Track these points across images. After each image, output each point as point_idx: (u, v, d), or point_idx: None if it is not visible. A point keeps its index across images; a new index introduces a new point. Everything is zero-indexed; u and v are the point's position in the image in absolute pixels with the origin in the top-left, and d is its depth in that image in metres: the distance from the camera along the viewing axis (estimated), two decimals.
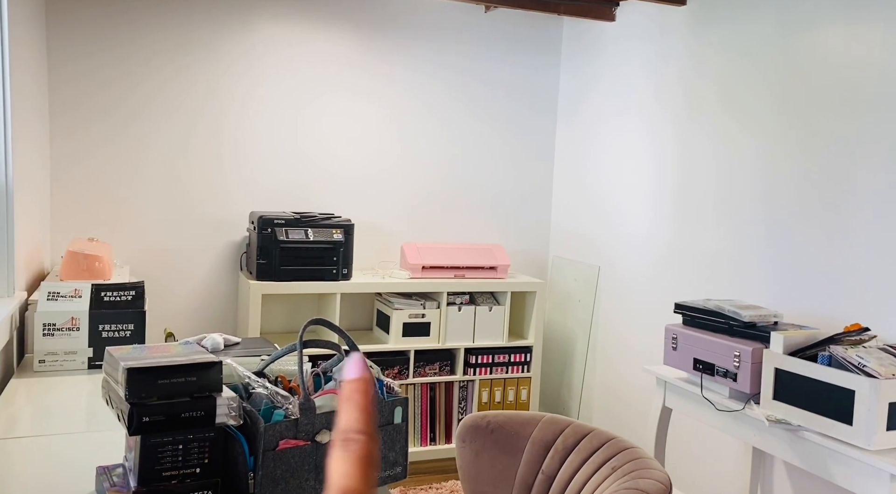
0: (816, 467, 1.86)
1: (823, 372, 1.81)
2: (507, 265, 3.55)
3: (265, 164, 3.42)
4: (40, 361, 1.98)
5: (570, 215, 3.86)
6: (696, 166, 2.99)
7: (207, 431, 1.23)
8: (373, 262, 3.68)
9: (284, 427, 1.29)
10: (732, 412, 2.11)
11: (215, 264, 3.38)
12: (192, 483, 1.21)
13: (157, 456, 1.19)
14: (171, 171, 3.27)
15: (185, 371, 1.23)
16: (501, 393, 3.55)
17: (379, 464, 1.42)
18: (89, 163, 3.14)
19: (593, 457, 1.78)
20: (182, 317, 3.34)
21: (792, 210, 2.52)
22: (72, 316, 2.01)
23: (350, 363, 0.67)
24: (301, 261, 3.15)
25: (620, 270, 3.45)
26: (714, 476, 2.84)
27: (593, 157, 3.67)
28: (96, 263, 2.37)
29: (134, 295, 2.13)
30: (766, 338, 2.07)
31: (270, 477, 1.27)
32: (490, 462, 1.92)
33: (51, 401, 1.75)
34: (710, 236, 2.89)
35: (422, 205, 3.74)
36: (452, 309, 3.43)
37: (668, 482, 1.57)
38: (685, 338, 2.27)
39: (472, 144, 3.81)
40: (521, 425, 1.95)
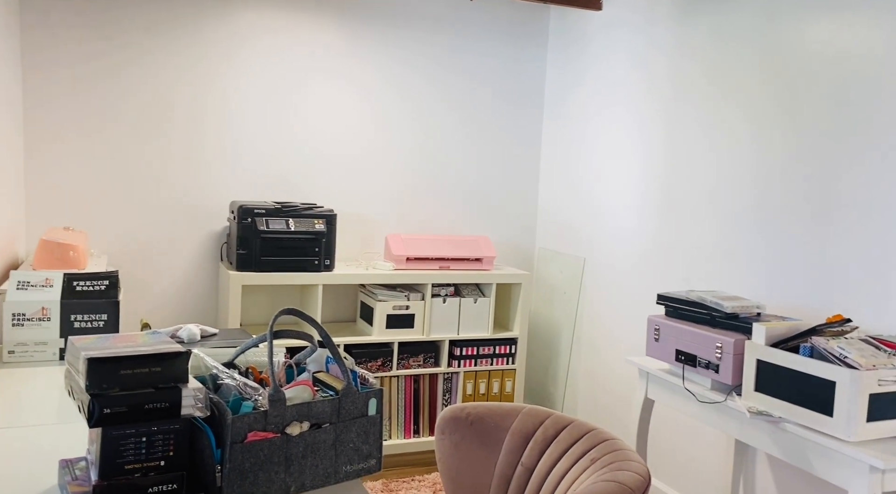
0: (797, 459, 1.85)
1: (804, 364, 1.80)
2: (492, 257, 3.52)
3: (246, 153, 3.37)
4: (10, 352, 1.94)
5: (556, 207, 3.84)
6: (683, 158, 2.96)
7: (172, 423, 1.20)
8: (356, 253, 3.64)
9: (253, 419, 1.25)
10: (714, 403, 2.09)
11: (195, 254, 3.33)
12: (156, 477, 1.17)
13: (120, 449, 1.15)
14: (151, 159, 3.21)
15: (150, 361, 1.19)
16: (486, 384, 3.53)
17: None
18: (65, 151, 3.08)
19: (573, 449, 1.76)
20: (161, 308, 3.29)
21: (777, 202, 2.50)
22: (42, 305, 1.96)
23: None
24: (282, 252, 3.11)
25: (606, 262, 3.43)
26: (696, 468, 2.83)
27: (580, 149, 3.65)
28: (70, 252, 2.33)
29: (108, 285, 2.08)
30: (749, 330, 2.05)
31: (238, 470, 1.24)
32: (469, 454, 1.90)
33: (20, 393, 1.71)
34: (696, 228, 2.87)
35: (406, 195, 3.70)
36: (437, 301, 3.40)
37: (647, 474, 1.55)
38: (667, 329, 2.26)
39: (458, 135, 3.78)
40: (502, 417, 1.93)
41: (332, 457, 1.36)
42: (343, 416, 1.38)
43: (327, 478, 1.36)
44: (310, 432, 1.32)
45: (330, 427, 1.35)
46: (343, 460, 1.38)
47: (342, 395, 1.37)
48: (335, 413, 1.36)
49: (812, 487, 2.34)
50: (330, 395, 1.39)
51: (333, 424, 1.36)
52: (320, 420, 1.34)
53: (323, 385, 1.45)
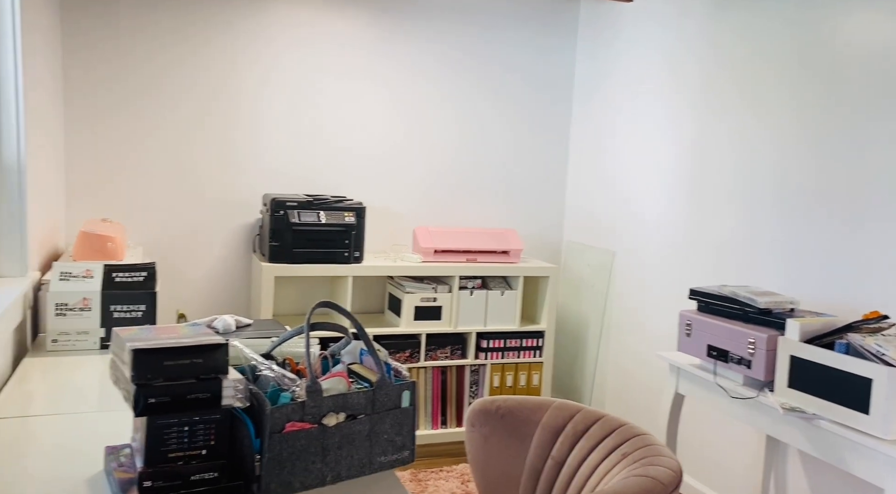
0: (832, 456, 1.83)
1: (840, 360, 1.78)
2: (519, 249, 3.53)
3: (278, 146, 3.41)
4: (53, 340, 2.00)
5: (584, 200, 3.82)
6: (712, 151, 2.93)
7: (213, 413, 1.23)
8: (385, 246, 3.67)
9: (291, 410, 1.28)
10: (746, 399, 2.08)
11: (228, 246, 3.38)
12: (198, 465, 1.21)
13: (163, 437, 1.19)
14: (185, 153, 3.27)
15: (191, 352, 1.22)
16: (513, 377, 3.54)
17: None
18: (104, 145, 3.15)
19: (603, 443, 1.76)
20: (195, 299, 3.36)
21: (809, 196, 2.46)
22: (83, 296, 2.02)
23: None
24: (313, 244, 3.15)
25: (635, 256, 3.41)
26: (726, 464, 2.82)
27: (609, 141, 3.62)
28: (108, 244, 2.38)
29: (146, 277, 2.13)
30: (782, 325, 2.03)
31: (277, 460, 1.27)
32: (499, 447, 1.91)
33: (63, 380, 1.77)
34: (726, 221, 2.84)
35: (434, 188, 3.72)
36: (464, 294, 3.41)
37: (678, 469, 1.55)
38: (699, 325, 2.24)
39: (486, 127, 3.77)
40: (531, 410, 1.94)
41: (367, 448, 1.39)
42: (378, 408, 1.40)
43: (362, 469, 1.38)
44: (346, 423, 1.35)
45: (365, 418, 1.38)
46: (377, 451, 1.40)
47: (377, 387, 1.40)
48: (370, 404, 1.39)
49: (845, 485, 2.32)
50: (365, 387, 1.41)
51: (368, 415, 1.38)
52: (356, 411, 1.37)
53: (357, 376, 1.47)
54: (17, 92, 2.00)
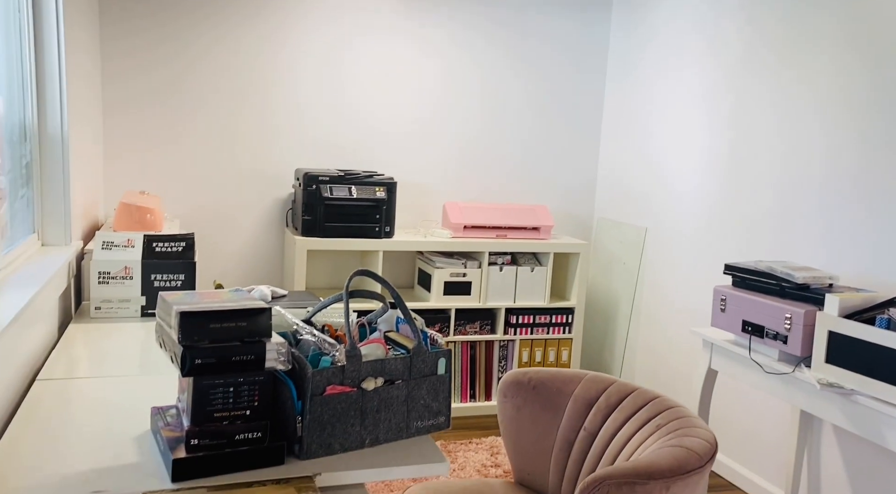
0: (870, 432, 1.81)
1: (881, 336, 1.75)
2: (550, 226, 3.51)
3: (310, 122, 3.43)
4: (96, 308, 2.05)
5: (616, 176, 3.78)
6: (750, 126, 2.87)
7: (257, 375, 1.26)
8: (415, 221, 3.68)
9: (331, 374, 1.31)
10: (781, 375, 2.06)
11: (262, 220, 3.43)
12: (243, 425, 1.24)
13: (209, 398, 1.22)
14: (220, 128, 3.31)
15: (236, 316, 1.25)
16: (542, 353, 3.55)
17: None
18: (140, 120, 3.19)
19: (637, 415, 1.76)
20: (230, 271, 3.42)
21: (848, 170, 2.41)
22: (125, 265, 2.07)
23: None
24: (345, 219, 3.17)
25: (668, 231, 3.38)
26: (758, 441, 2.80)
27: (643, 116, 3.57)
28: (148, 215, 2.43)
29: (184, 247, 2.17)
30: (820, 301, 2.01)
31: (318, 421, 1.29)
32: (531, 418, 1.93)
33: (107, 346, 1.82)
34: (764, 197, 2.79)
35: (465, 163, 3.71)
36: (494, 269, 3.42)
37: (713, 441, 1.55)
38: (734, 300, 2.22)
39: (518, 102, 3.74)
40: (564, 382, 1.95)
41: (403, 413, 1.41)
42: (414, 374, 1.42)
43: (399, 433, 1.41)
44: (383, 387, 1.37)
45: (402, 383, 1.40)
46: (414, 416, 1.43)
47: (413, 354, 1.41)
48: (407, 370, 1.41)
49: (880, 461, 2.29)
50: (402, 353, 1.43)
51: (405, 381, 1.41)
52: (393, 376, 1.39)
53: (394, 343, 1.49)
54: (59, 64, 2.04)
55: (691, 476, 1.45)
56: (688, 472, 1.44)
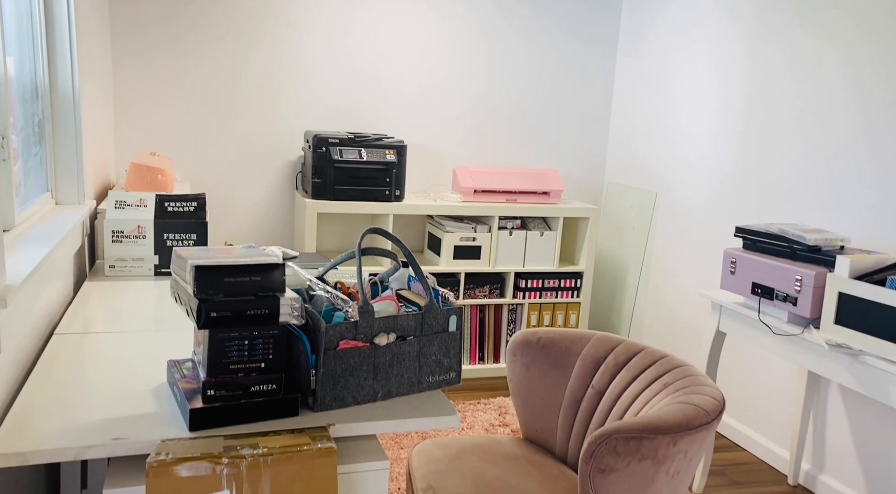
0: (876, 391, 1.83)
1: (891, 296, 1.75)
2: (560, 190, 3.50)
3: (319, 84, 3.41)
4: (110, 266, 2.08)
5: (627, 140, 3.75)
6: (764, 89, 2.83)
7: (272, 328, 1.28)
8: (424, 185, 3.68)
9: (345, 329, 1.32)
10: (790, 336, 2.07)
11: (272, 182, 3.43)
12: (258, 377, 1.26)
13: (225, 350, 1.24)
14: (229, 90, 3.29)
15: (250, 271, 1.26)
16: (550, 316, 3.57)
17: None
18: (150, 83, 3.18)
19: (645, 374, 1.78)
20: (240, 234, 3.43)
21: (863, 134, 2.38)
22: (138, 224, 2.08)
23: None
24: (355, 181, 3.17)
25: (679, 196, 3.36)
26: (764, 403, 2.83)
27: (655, 79, 3.53)
28: (159, 176, 2.44)
29: (196, 206, 2.18)
30: (831, 263, 2.00)
31: (331, 375, 1.32)
32: (540, 376, 1.95)
33: (122, 303, 1.84)
34: (776, 161, 2.77)
35: (475, 127, 3.69)
36: (503, 234, 3.42)
37: (721, 398, 1.56)
38: (745, 262, 2.22)
39: (529, 66, 3.70)
40: (572, 342, 1.97)
41: (415, 368, 1.43)
42: (426, 330, 1.44)
43: (411, 387, 1.43)
44: (396, 343, 1.39)
45: (414, 339, 1.42)
46: (426, 371, 1.45)
47: (425, 311, 1.43)
48: (419, 327, 1.42)
49: (884, 422, 2.32)
50: (413, 310, 1.44)
51: (417, 337, 1.42)
52: (405, 332, 1.41)
53: (406, 301, 1.50)
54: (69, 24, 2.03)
55: (698, 431, 1.47)
56: (695, 428, 1.46)
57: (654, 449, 1.42)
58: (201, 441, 1.12)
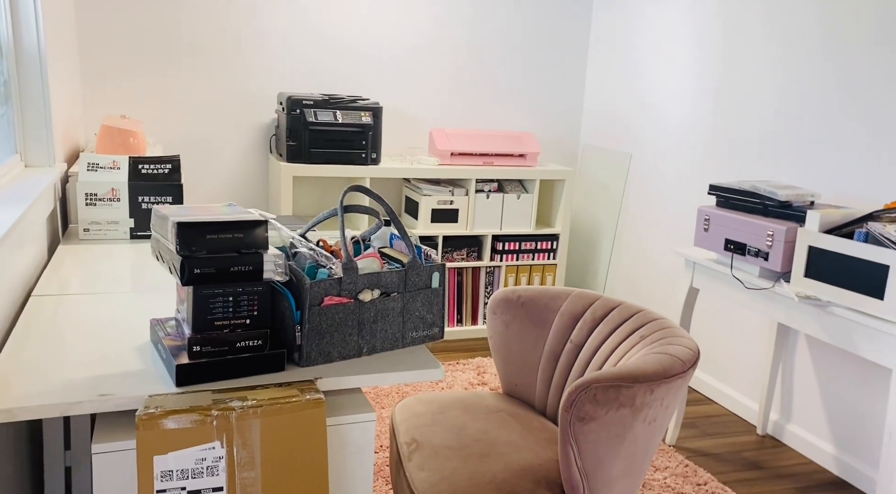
0: (843, 341, 1.90)
1: (859, 248, 1.81)
2: (536, 153, 3.51)
3: (293, 44, 3.34)
4: (85, 230, 2.04)
5: (602, 102, 3.76)
6: (739, 49, 2.86)
7: (256, 285, 1.28)
8: (400, 148, 3.65)
9: (329, 285, 1.33)
10: (761, 290, 2.13)
11: (245, 145, 3.38)
12: (243, 333, 1.27)
13: (209, 306, 1.24)
14: (199, 51, 3.21)
15: (233, 227, 1.26)
16: (527, 278, 3.61)
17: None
18: (117, 42, 3.09)
19: (622, 327, 1.83)
20: (214, 198, 3.39)
21: (834, 93, 2.42)
22: (112, 186, 2.05)
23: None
24: (330, 144, 3.14)
25: (653, 157, 3.39)
26: (735, 358, 2.92)
27: (630, 42, 3.53)
28: (131, 139, 2.39)
29: (171, 169, 2.15)
30: (801, 218, 2.06)
31: (316, 331, 1.33)
32: (519, 333, 1.99)
33: (98, 266, 1.82)
34: (749, 118, 2.81)
35: (451, 90, 3.66)
36: (481, 197, 3.43)
37: (696, 348, 1.61)
38: (718, 219, 2.27)
39: (504, 28, 3.67)
40: (551, 299, 2.00)
41: (399, 324, 1.45)
42: (409, 287, 1.45)
43: (395, 343, 1.45)
44: (380, 299, 1.40)
45: (398, 295, 1.43)
46: (409, 327, 1.47)
47: (408, 267, 1.44)
48: (402, 283, 1.44)
49: (849, 370, 2.41)
50: (397, 267, 1.45)
51: (401, 293, 1.44)
52: (389, 289, 1.42)
53: (389, 258, 1.51)
54: None
55: (674, 380, 1.52)
56: (671, 377, 1.50)
57: (632, 397, 1.47)
58: (189, 395, 1.13)
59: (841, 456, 2.45)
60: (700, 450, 2.59)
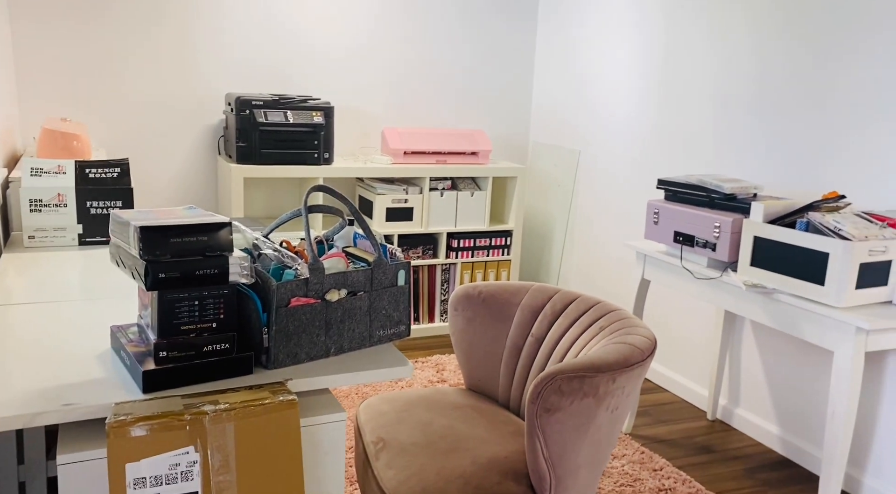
0: (788, 326, 2.00)
1: (800, 237, 1.91)
2: (488, 150, 3.55)
3: (238, 44, 3.28)
4: (30, 237, 1.97)
5: (551, 100, 3.83)
6: (681, 47, 2.96)
7: (221, 288, 1.26)
8: (353, 147, 3.64)
9: (295, 286, 1.32)
10: (710, 280, 2.22)
11: (193, 147, 3.30)
12: (210, 337, 1.25)
13: (175, 311, 1.22)
14: (142, 50, 3.12)
15: (197, 230, 1.24)
16: (483, 275, 3.65)
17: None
18: (55, 42, 2.97)
19: (581, 319, 1.87)
20: (161, 204, 3.30)
21: (775, 87, 2.54)
22: (58, 192, 1.98)
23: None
24: (282, 144, 3.11)
25: (602, 154, 3.48)
26: (685, 346, 3.02)
27: (576, 41, 3.60)
28: (74, 142, 2.31)
29: (119, 172, 2.09)
30: (746, 210, 2.15)
31: (284, 332, 1.32)
32: (482, 328, 2.01)
33: (46, 274, 1.76)
34: (694, 116, 2.91)
35: (402, 89, 3.66)
36: (435, 195, 3.45)
37: (653, 337, 1.67)
38: (667, 212, 2.34)
39: (452, 27, 3.69)
40: (511, 293, 2.03)
41: (366, 323, 1.45)
42: (376, 285, 1.46)
43: (363, 342, 1.45)
44: (347, 299, 1.40)
45: (364, 294, 1.43)
46: (377, 325, 1.47)
47: (374, 266, 1.45)
48: (368, 282, 1.44)
49: (793, 355, 2.53)
50: (363, 266, 1.46)
51: (367, 292, 1.44)
52: (356, 288, 1.42)
53: (354, 257, 1.51)
54: None
55: (635, 368, 1.57)
56: (632, 365, 1.56)
57: (595, 387, 1.51)
58: (158, 401, 1.11)
59: (786, 437, 2.57)
60: (655, 437, 2.67)
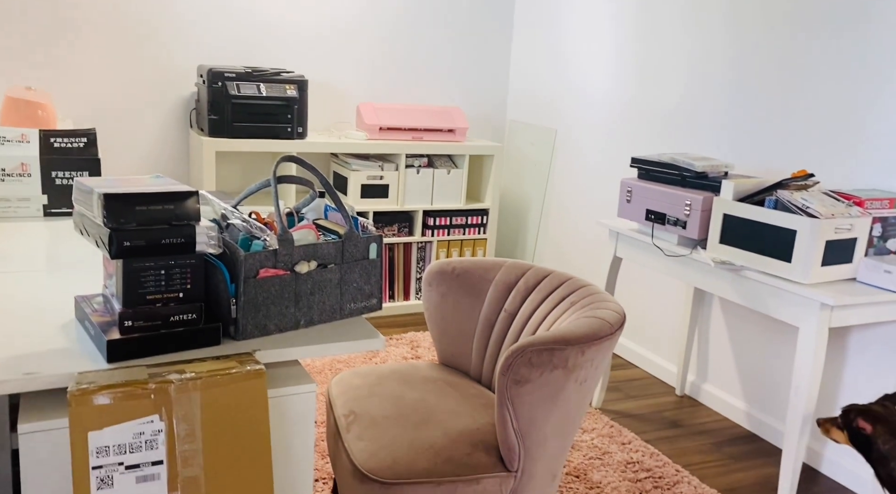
0: (755, 302, 2.03)
1: (769, 215, 1.93)
2: (465, 128, 3.53)
3: (213, 15, 3.21)
4: None
5: (527, 79, 3.82)
6: (657, 26, 2.96)
7: (188, 258, 1.24)
8: (328, 123, 3.60)
9: (264, 257, 1.31)
10: (680, 257, 2.24)
11: (163, 120, 3.24)
12: (176, 307, 1.23)
13: (140, 280, 1.20)
14: (113, 18, 3.04)
15: (163, 199, 1.22)
16: (458, 253, 3.65)
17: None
18: (21, 9, 2.88)
19: (553, 295, 1.89)
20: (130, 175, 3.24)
21: (747, 67, 2.56)
22: (21, 161, 1.93)
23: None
24: (254, 118, 3.06)
25: (578, 132, 3.48)
26: (655, 322, 3.07)
27: (553, 18, 3.59)
28: (39, 111, 2.25)
29: (86, 143, 2.04)
30: (717, 188, 2.17)
31: (252, 304, 1.31)
32: (455, 304, 2.02)
33: (9, 245, 1.72)
34: (669, 95, 2.92)
35: (377, 64, 3.62)
36: (411, 172, 3.43)
37: (622, 312, 1.69)
38: (639, 191, 2.36)
39: (430, 3, 3.65)
40: (485, 270, 2.04)
41: (337, 295, 1.44)
42: (347, 258, 1.45)
43: (333, 314, 1.45)
44: (317, 271, 1.39)
45: (335, 267, 1.43)
46: (347, 298, 1.47)
47: (345, 238, 1.44)
48: (339, 254, 1.43)
49: (759, 331, 2.58)
50: (333, 239, 1.45)
51: (338, 265, 1.43)
52: (326, 260, 1.41)
53: (325, 230, 1.50)
54: None
55: (603, 341, 1.59)
56: (601, 338, 1.57)
57: (564, 359, 1.52)
58: (123, 370, 1.10)
59: (751, 412, 2.63)
60: (624, 412, 2.71)
